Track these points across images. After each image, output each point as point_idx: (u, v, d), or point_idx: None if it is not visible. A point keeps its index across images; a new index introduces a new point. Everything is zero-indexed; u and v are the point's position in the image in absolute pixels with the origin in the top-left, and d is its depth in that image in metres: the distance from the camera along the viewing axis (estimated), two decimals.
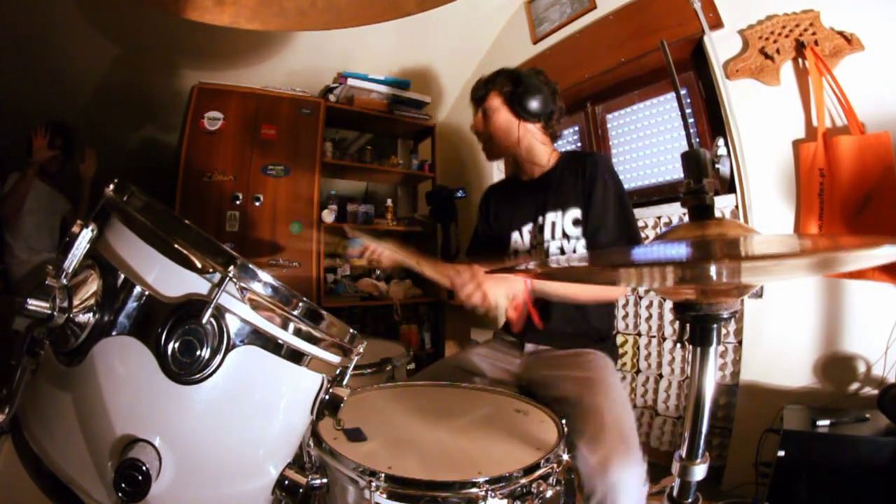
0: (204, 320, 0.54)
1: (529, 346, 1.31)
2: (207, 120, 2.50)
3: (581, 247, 1.26)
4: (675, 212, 2.02)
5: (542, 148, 1.35)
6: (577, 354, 1.22)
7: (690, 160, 0.57)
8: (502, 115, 1.32)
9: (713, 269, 0.45)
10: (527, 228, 1.36)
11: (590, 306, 1.27)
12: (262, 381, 0.62)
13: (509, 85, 1.30)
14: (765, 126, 1.74)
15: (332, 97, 2.79)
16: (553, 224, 1.30)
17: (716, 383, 0.66)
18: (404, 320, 3.00)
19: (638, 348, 2.10)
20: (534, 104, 1.28)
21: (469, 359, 1.32)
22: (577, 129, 2.58)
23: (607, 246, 1.22)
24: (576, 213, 1.27)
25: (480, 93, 1.35)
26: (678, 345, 1.98)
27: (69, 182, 2.45)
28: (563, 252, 1.28)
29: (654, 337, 2.06)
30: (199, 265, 0.56)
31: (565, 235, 1.28)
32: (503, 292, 1.06)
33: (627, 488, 0.86)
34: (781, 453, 1.30)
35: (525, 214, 1.37)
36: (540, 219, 1.33)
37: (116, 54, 2.40)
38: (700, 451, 0.55)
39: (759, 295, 1.72)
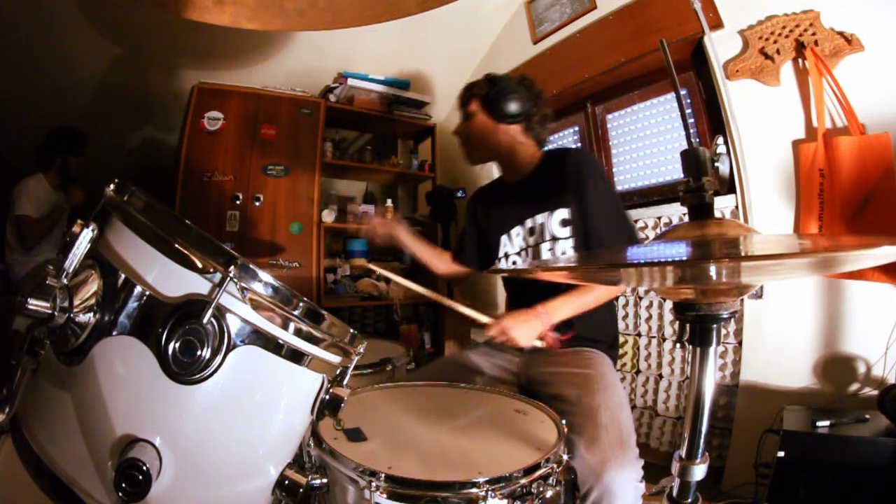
0: (204, 320, 0.54)
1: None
2: (207, 120, 2.50)
3: (570, 248, 1.24)
4: (675, 212, 2.02)
5: (523, 150, 1.33)
6: (576, 353, 1.22)
7: (690, 158, 0.57)
8: (479, 119, 1.32)
9: (713, 269, 0.45)
10: (515, 231, 1.35)
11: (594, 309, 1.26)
12: (262, 381, 0.62)
13: (485, 88, 1.31)
14: (765, 126, 1.74)
15: (332, 97, 2.79)
16: (542, 226, 1.29)
17: (716, 383, 0.66)
18: (404, 320, 3.00)
19: (638, 348, 2.10)
20: (507, 106, 1.28)
21: (469, 357, 1.32)
22: (577, 129, 2.58)
23: (604, 246, 1.21)
24: (563, 213, 1.25)
25: (463, 98, 1.36)
26: (678, 345, 1.98)
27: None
28: (552, 254, 1.26)
29: (654, 337, 2.06)
30: (199, 265, 0.56)
31: (554, 237, 1.26)
32: (531, 334, 1.15)
33: (623, 491, 0.87)
34: (781, 454, 1.30)
35: (513, 217, 1.36)
36: (529, 221, 1.32)
37: (116, 54, 2.39)
38: (700, 451, 0.56)
39: (758, 295, 1.72)
